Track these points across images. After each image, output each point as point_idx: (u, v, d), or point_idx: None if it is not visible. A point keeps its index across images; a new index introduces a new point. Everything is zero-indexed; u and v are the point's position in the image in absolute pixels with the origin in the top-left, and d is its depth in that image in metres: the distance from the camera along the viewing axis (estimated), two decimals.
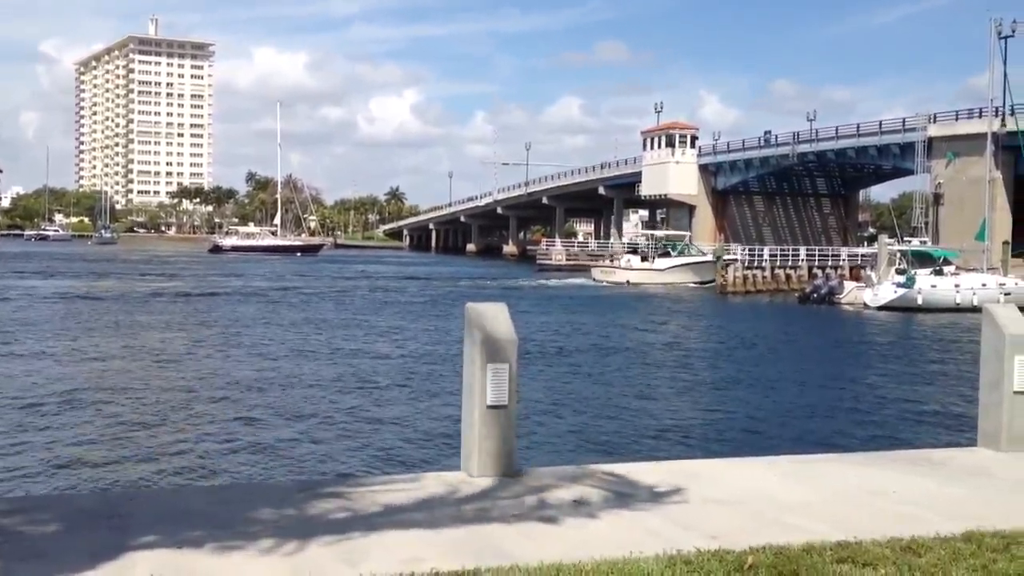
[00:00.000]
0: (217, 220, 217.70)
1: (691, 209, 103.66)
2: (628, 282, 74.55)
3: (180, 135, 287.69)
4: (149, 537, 6.03)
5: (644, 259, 79.25)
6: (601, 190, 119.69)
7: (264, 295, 57.44)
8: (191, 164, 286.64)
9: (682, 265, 76.65)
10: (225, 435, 18.66)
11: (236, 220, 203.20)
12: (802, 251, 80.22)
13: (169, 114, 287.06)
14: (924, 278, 55.09)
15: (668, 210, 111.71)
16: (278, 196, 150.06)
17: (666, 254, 79.30)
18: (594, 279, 78.67)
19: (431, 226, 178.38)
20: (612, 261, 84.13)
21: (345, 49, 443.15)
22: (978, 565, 5.83)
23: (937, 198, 73.11)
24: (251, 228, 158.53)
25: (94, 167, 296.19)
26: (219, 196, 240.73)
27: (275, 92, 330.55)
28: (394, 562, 5.63)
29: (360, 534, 6.19)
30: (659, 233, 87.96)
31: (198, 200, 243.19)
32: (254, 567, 5.61)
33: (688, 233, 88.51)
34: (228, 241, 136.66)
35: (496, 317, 7.95)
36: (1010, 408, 9.20)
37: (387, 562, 5.64)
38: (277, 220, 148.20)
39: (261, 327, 39.21)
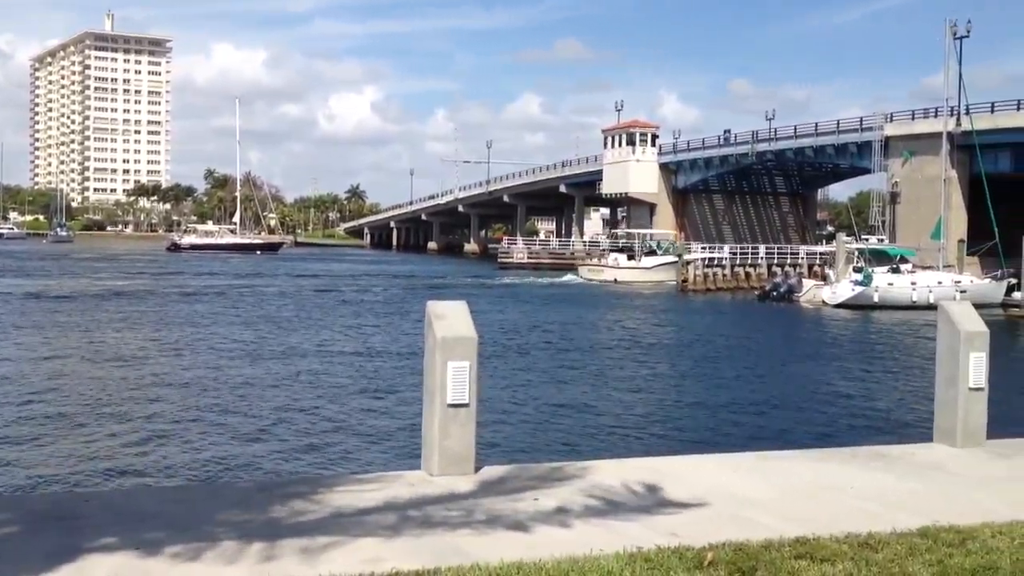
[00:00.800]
0: (175, 218, 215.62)
1: (652, 207, 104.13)
2: (616, 280, 75.25)
3: (137, 132, 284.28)
4: (106, 539, 5.94)
5: (631, 258, 79.95)
6: (562, 188, 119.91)
7: (223, 294, 56.98)
8: (148, 161, 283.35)
9: (668, 264, 77.23)
10: (183, 435, 18.49)
11: (194, 218, 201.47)
12: (761, 249, 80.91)
13: (126, 111, 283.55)
14: (881, 276, 55.74)
15: (629, 208, 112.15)
16: (237, 194, 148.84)
17: (652, 252, 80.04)
18: (582, 277, 79.43)
19: (392, 224, 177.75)
20: (599, 260, 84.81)
21: (304, 45, 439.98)
22: (934, 560, 5.90)
23: (894, 197, 73.93)
24: (210, 226, 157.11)
25: (49, 164, 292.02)
26: (177, 194, 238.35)
27: (234, 89, 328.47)
28: (354, 562, 5.60)
29: (320, 534, 6.15)
30: (644, 232, 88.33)
31: (156, 198, 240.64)
32: (214, 569, 5.55)
33: (674, 232, 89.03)
34: (186, 239, 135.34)
35: (456, 315, 7.92)
36: (965, 404, 9.32)
37: (347, 562, 5.61)
38: (236, 218, 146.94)
39: (219, 326, 38.89)
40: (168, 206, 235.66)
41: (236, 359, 29.32)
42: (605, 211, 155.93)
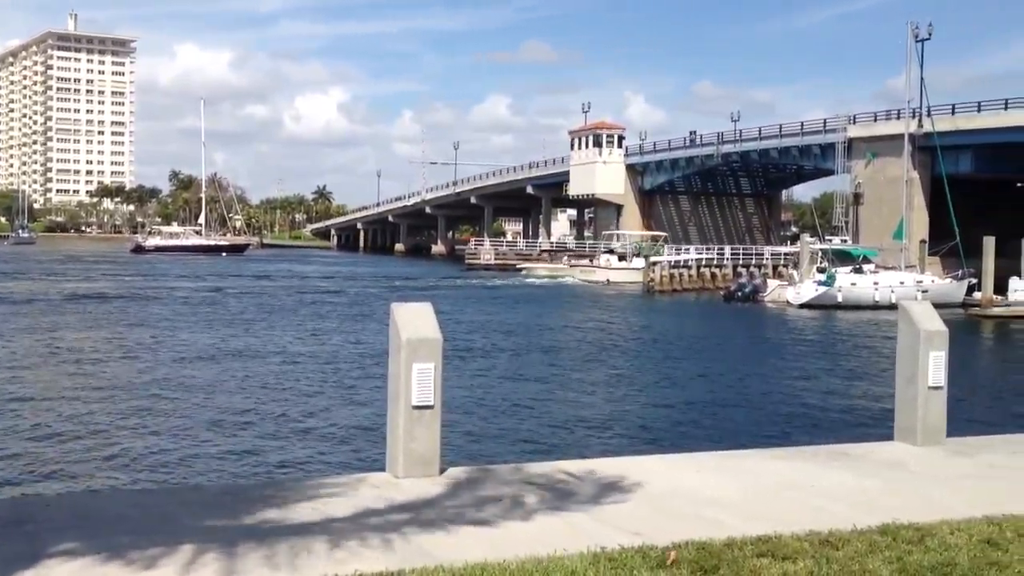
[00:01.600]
0: (139, 220, 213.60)
1: (618, 209, 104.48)
2: (608, 281, 75.77)
3: (101, 133, 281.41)
4: (67, 544, 5.88)
5: (622, 259, 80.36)
6: (529, 189, 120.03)
7: (187, 296, 56.55)
8: (112, 162, 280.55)
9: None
10: (146, 439, 18.33)
11: (159, 220, 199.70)
12: (727, 250, 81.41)
13: (89, 111, 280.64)
14: (844, 276, 56.28)
15: (596, 209, 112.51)
16: (202, 195, 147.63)
17: (637, 254, 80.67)
18: (575, 278, 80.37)
19: (359, 226, 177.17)
20: (592, 261, 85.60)
21: (270, 46, 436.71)
22: (893, 557, 5.97)
23: (857, 198, 74.59)
24: (175, 228, 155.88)
25: (11, 165, 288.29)
26: (141, 195, 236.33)
27: (198, 89, 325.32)
28: (318, 565, 5.59)
29: (284, 537, 6.13)
30: (642, 234, 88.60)
31: (119, 199, 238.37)
32: (177, 574, 5.51)
33: (665, 234, 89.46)
34: (151, 241, 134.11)
35: (421, 317, 7.92)
36: (925, 403, 9.43)
37: (311, 565, 5.60)
38: (201, 219, 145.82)
39: (183, 329, 38.60)
40: (132, 207, 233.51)
41: (200, 362, 29.12)
42: (572, 212, 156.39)
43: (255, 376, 26.42)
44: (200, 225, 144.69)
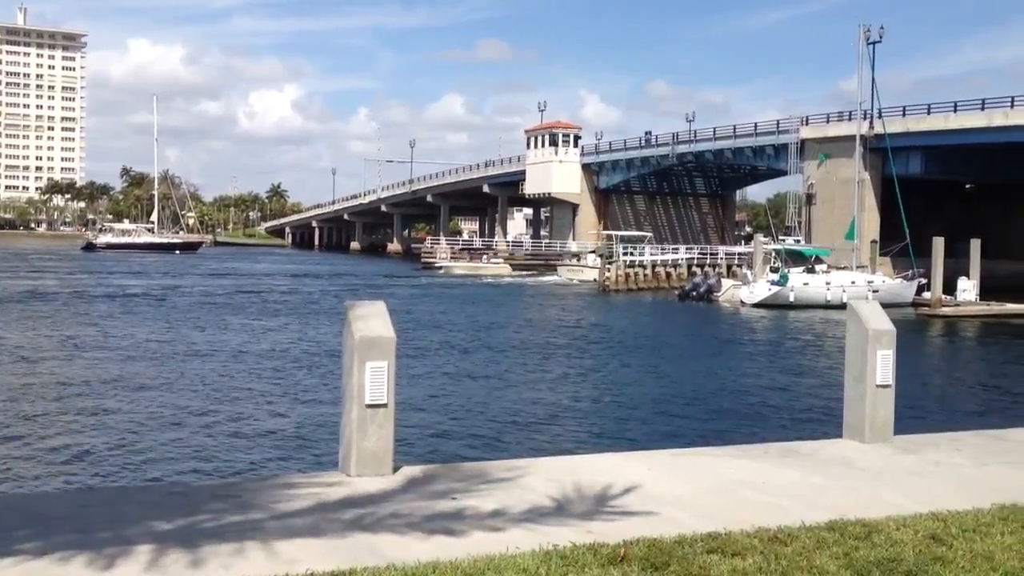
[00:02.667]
0: (90, 217, 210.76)
1: (574, 208, 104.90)
2: (595, 280, 75.89)
3: (51, 128, 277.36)
4: (13, 545, 5.80)
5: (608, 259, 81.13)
6: (486, 188, 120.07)
7: (138, 294, 55.89)
8: (62, 159, 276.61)
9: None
10: (94, 439, 18.10)
11: (110, 217, 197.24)
12: (682, 249, 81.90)
13: (39, 107, 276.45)
14: (797, 276, 56.87)
15: (552, 208, 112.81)
16: (155, 192, 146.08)
17: (627, 253, 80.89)
18: (562, 276, 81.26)
19: (315, 224, 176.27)
20: (578, 260, 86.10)
21: (223, 42, 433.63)
22: (841, 553, 6.05)
23: (810, 198, 75.40)
24: (127, 225, 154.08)
25: None
26: (92, 192, 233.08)
27: (150, 85, 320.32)
28: (268, 564, 5.56)
29: (234, 537, 6.08)
30: (622, 234, 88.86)
31: (70, 196, 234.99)
32: (126, 573, 5.45)
33: (649, 234, 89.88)
34: (103, 238, 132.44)
35: (374, 315, 7.90)
36: (873, 401, 9.56)
37: (261, 565, 5.56)
38: (154, 217, 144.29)
39: (135, 328, 38.16)
40: (83, 204, 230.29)
41: (150, 361, 28.79)
42: (529, 211, 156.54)
43: (206, 375, 26.18)
44: (152, 223, 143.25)
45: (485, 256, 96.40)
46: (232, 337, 35.58)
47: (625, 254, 77.14)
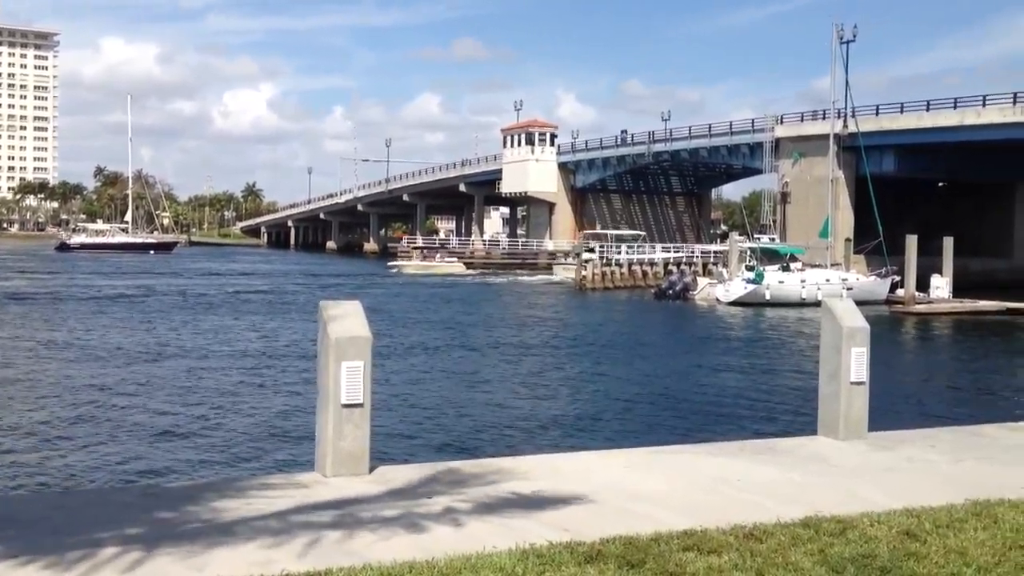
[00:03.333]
0: (64, 217, 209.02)
1: (551, 207, 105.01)
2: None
3: (23, 128, 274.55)
4: None
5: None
6: (462, 187, 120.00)
7: (113, 294, 55.47)
8: (35, 158, 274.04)
9: None
10: (67, 441, 17.95)
11: (83, 217, 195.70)
12: (658, 248, 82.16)
13: (11, 106, 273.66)
14: (772, 274, 57.16)
15: (528, 207, 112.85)
16: (128, 192, 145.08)
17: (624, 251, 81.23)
18: (557, 275, 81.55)
19: (290, 223, 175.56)
20: (576, 259, 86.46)
21: (197, 41, 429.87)
22: (816, 549, 6.08)
23: (784, 197, 75.79)
24: (100, 225, 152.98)
25: None
26: (65, 192, 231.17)
27: (124, 84, 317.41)
28: (243, 566, 5.53)
29: (209, 539, 6.05)
30: (616, 232, 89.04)
31: (43, 196, 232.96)
32: (100, 574, 5.41)
33: (643, 233, 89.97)
34: (76, 238, 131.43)
35: (350, 315, 7.88)
36: (847, 398, 9.62)
37: (236, 566, 5.53)
38: (128, 217, 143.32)
39: (109, 329, 37.88)
40: (56, 204, 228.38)
41: (125, 363, 28.59)
42: (505, 210, 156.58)
43: (181, 376, 26.03)
44: (127, 223, 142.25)
45: (439, 255, 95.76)
46: (206, 338, 35.37)
47: (618, 252, 77.28)
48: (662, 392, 25.12)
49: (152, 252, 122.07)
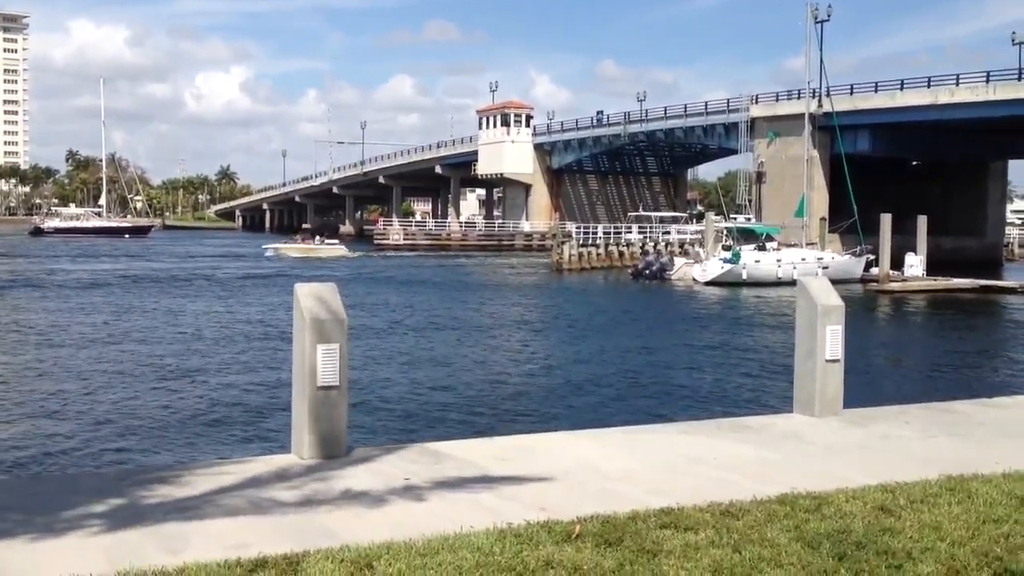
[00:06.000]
0: (36, 201, 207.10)
1: (527, 188, 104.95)
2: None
3: None
4: None
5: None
6: (438, 169, 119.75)
7: (90, 279, 55.06)
8: (5, 143, 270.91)
9: None
10: (40, 426, 17.83)
11: (56, 201, 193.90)
12: (634, 228, 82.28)
13: None
14: (748, 254, 57.36)
15: (504, 189, 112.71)
16: (102, 176, 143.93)
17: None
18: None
19: (265, 206, 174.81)
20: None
21: (168, 23, 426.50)
22: (791, 525, 6.11)
23: (760, 176, 76.01)
24: (74, 209, 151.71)
25: None
26: (37, 176, 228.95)
27: (94, 68, 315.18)
28: (219, 548, 5.50)
29: (185, 522, 6.02)
30: (654, 214, 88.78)
31: (14, 181, 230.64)
32: (69, 559, 5.35)
33: (685, 214, 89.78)
34: (50, 223, 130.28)
35: (325, 297, 7.85)
36: (822, 376, 9.67)
37: (212, 549, 5.51)
38: (102, 201, 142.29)
39: (85, 312, 37.62)
40: (28, 189, 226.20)
41: (100, 346, 28.40)
42: (482, 192, 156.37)
43: (158, 359, 25.88)
44: (101, 207, 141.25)
45: (319, 238, 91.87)
46: (183, 320, 35.18)
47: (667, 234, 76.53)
48: (638, 372, 25.19)
49: (127, 236, 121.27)
